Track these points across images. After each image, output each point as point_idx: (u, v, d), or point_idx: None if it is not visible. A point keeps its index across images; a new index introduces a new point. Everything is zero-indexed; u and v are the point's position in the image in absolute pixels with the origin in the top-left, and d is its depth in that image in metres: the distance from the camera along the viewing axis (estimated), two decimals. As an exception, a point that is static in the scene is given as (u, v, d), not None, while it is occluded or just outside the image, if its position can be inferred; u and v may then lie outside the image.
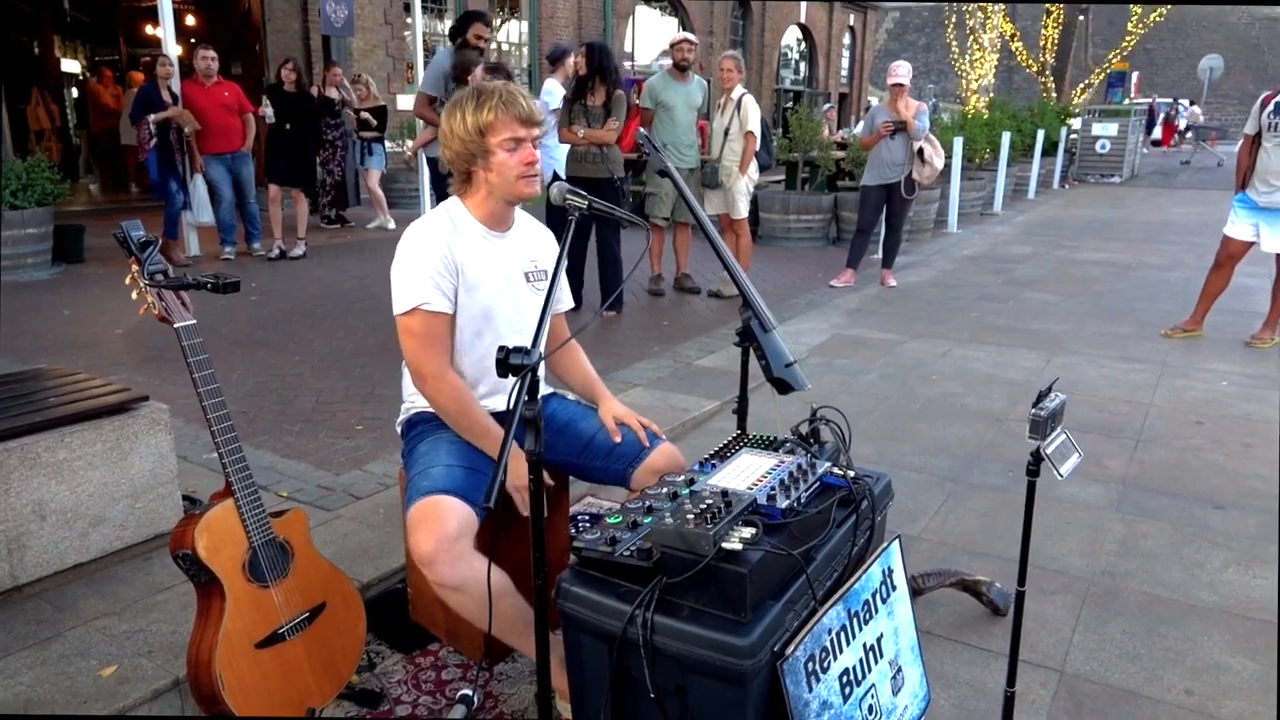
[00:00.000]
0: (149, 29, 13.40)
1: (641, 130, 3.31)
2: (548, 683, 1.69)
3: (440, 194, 6.18)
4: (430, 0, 13.98)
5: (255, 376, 4.39)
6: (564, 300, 2.37)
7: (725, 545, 1.56)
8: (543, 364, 2.26)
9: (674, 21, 20.81)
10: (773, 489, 1.77)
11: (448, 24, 14.74)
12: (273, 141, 8.06)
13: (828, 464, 1.91)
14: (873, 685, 1.87)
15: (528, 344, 2.12)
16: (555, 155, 5.78)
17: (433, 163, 6.10)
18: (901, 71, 6.41)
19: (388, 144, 12.51)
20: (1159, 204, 13.34)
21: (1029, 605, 2.44)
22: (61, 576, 2.44)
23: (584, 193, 1.93)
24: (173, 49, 7.39)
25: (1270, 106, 4.92)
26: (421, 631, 2.40)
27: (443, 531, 1.85)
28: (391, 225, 9.70)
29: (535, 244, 2.24)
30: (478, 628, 2.22)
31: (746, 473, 1.89)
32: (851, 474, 1.89)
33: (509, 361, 1.57)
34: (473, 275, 2.08)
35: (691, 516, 1.62)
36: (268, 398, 4.10)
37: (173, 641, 2.18)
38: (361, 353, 4.87)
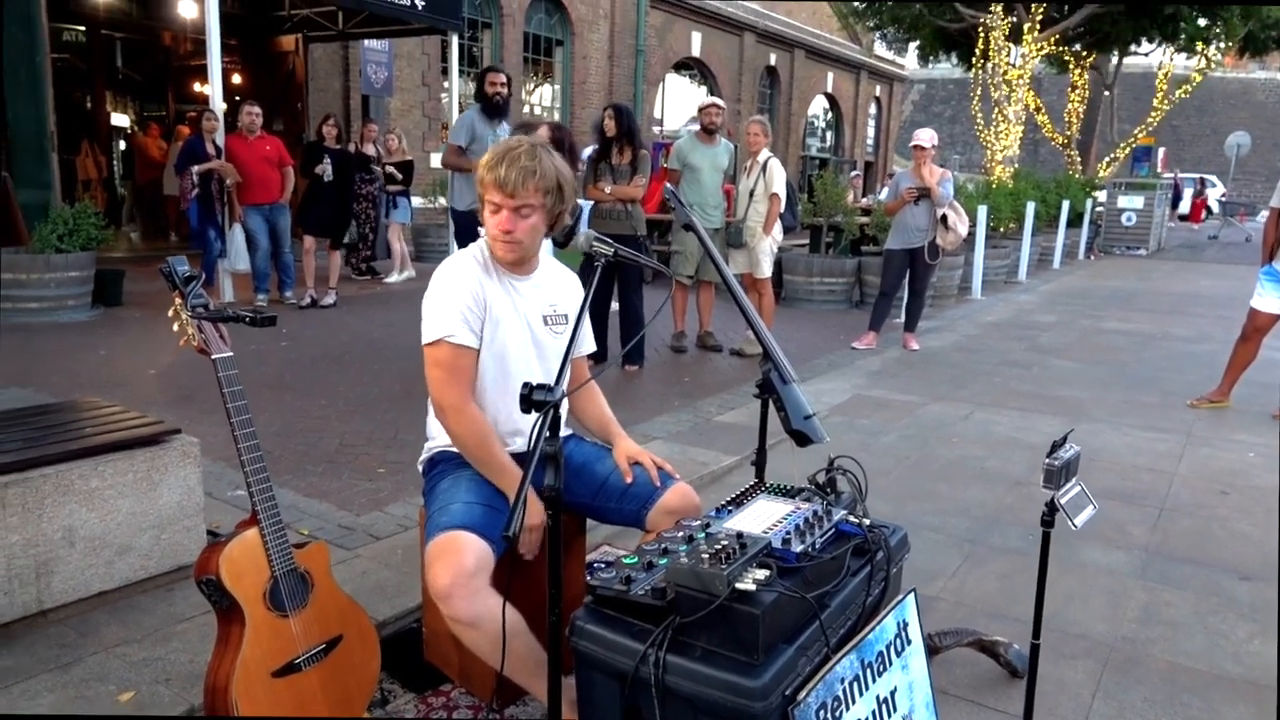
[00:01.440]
0: (197, 86, 13.95)
1: (668, 185, 3.41)
2: (558, 709, 1.68)
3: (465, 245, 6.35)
4: (466, 65, 14.44)
5: (282, 418, 4.47)
6: (586, 343, 2.42)
7: (739, 586, 1.57)
8: (564, 403, 2.31)
9: (703, 89, 21.32)
10: (788, 534, 1.79)
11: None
12: (310, 194, 8.30)
13: (843, 512, 1.93)
14: (886, 739, 1.85)
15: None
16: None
17: (458, 215, 6.27)
18: (925, 137, 6.53)
19: (419, 199, 12.84)
20: (1186, 277, 13.30)
21: (1049, 669, 2.42)
22: (86, 604, 2.48)
23: (611, 240, 2.00)
24: (219, 105, 7.68)
25: (1294, 180, 4.95)
26: (434, 672, 2.41)
27: (460, 566, 1.88)
28: (413, 275, 9.89)
29: (557, 289, 2.29)
30: (490, 667, 2.23)
31: (762, 517, 1.91)
32: (867, 522, 1.90)
33: (532, 398, 1.61)
34: (496, 315, 2.13)
35: (706, 556, 1.64)
36: (293, 439, 4.16)
37: (190, 671, 2.21)
38: (386, 398, 4.95)
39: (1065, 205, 14.01)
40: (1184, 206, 28.78)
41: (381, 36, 12.25)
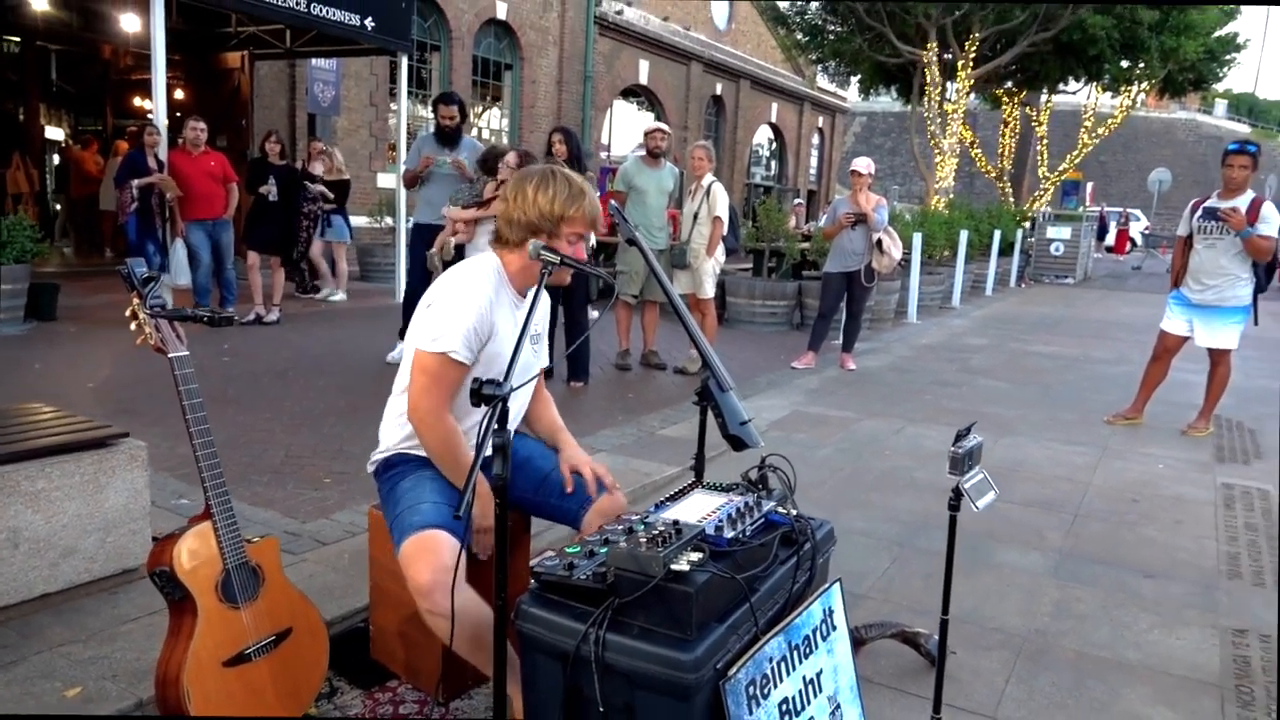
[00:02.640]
0: (137, 100, 13.75)
1: (614, 203, 3.54)
2: (503, 692, 1.76)
3: (422, 265, 6.41)
4: (415, 87, 14.49)
5: (225, 430, 4.46)
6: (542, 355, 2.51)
7: (674, 567, 1.69)
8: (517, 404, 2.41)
9: (650, 115, 21.65)
10: (720, 522, 1.92)
11: (429, 108, 15.28)
12: (255, 211, 8.26)
13: (773, 503, 2.06)
14: (811, 717, 1.98)
15: (522, 403, 2.32)
16: None
17: (419, 229, 6.34)
18: (862, 165, 6.80)
19: (364, 219, 12.80)
20: (1109, 304, 13.91)
21: (967, 659, 2.59)
22: (28, 605, 2.48)
23: (556, 250, 2.12)
24: (163, 119, 7.63)
25: (1199, 211, 5.30)
26: (380, 670, 2.47)
27: (440, 563, 1.97)
28: (340, 297, 9.80)
29: (539, 308, 2.39)
30: (437, 662, 2.32)
31: (697, 509, 2.03)
32: (795, 513, 2.04)
33: (481, 392, 1.72)
34: (499, 339, 2.21)
35: (644, 541, 1.75)
36: (238, 450, 4.17)
37: (137, 668, 2.24)
38: (331, 412, 4.97)
39: (997, 235, 14.56)
40: (1109, 238, 30.01)
41: (329, 56, 12.25)
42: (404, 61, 10.21)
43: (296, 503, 3.53)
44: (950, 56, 17.43)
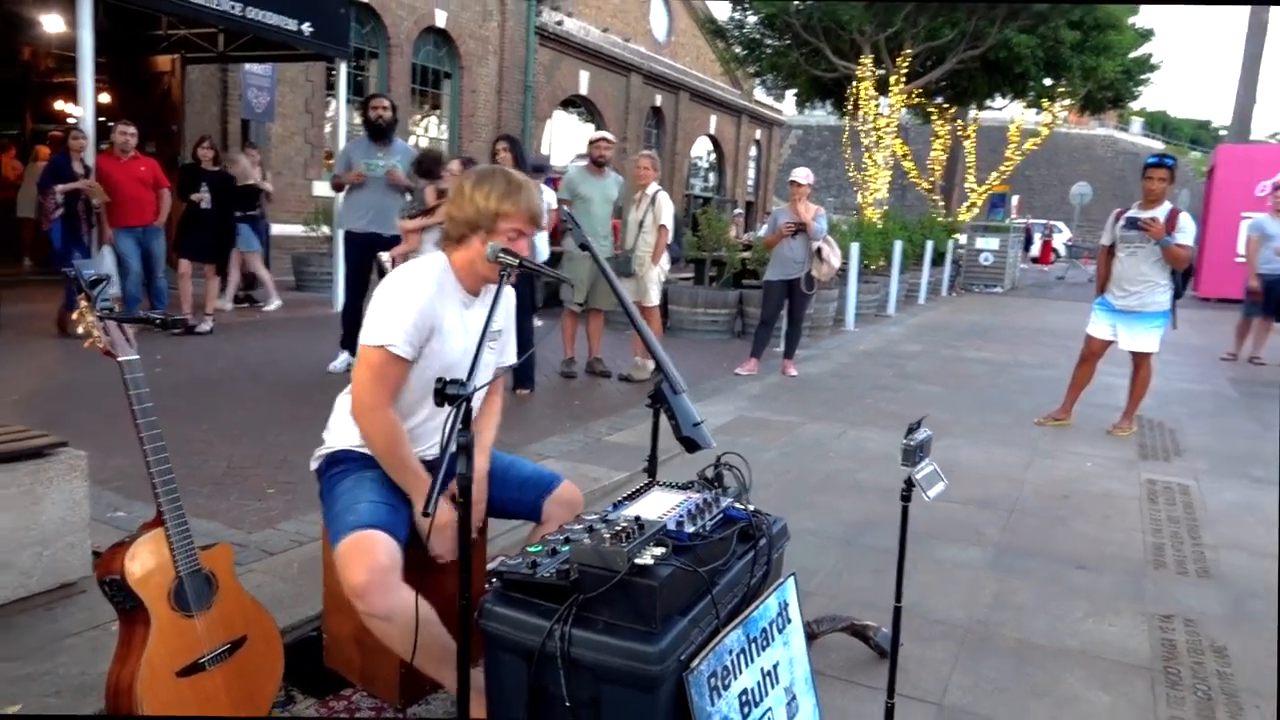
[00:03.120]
0: (59, 104, 13.28)
1: (564, 208, 3.56)
2: (467, 687, 1.77)
3: (358, 274, 6.34)
4: (352, 94, 14.29)
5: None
6: (508, 354, 2.51)
7: (638, 561, 1.72)
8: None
9: (590, 126, 21.73)
10: (681, 518, 1.95)
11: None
12: (187, 218, 8.05)
13: (730, 499, 2.11)
14: (769, 709, 2.02)
15: (478, 400, 2.31)
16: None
17: (347, 236, 6.27)
18: (801, 175, 6.95)
19: (298, 227, 12.56)
20: (1036, 312, 14.40)
21: (913, 650, 2.67)
22: (-39, 622, 2.39)
23: (515, 252, 2.14)
24: (91, 123, 7.39)
25: (1121, 221, 5.55)
26: (335, 677, 2.44)
27: (375, 563, 1.95)
28: (274, 305, 9.61)
29: (499, 306, 2.39)
30: (394, 668, 2.30)
31: (657, 506, 2.06)
32: (752, 508, 2.09)
33: (445, 391, 1.73)
34: (445, 337, 2.20)
35: (608, 537, 1.78)
36: (176, 462, 3.97)
37: (82, 683, 2.17)
38: (272, 422, 4.87)
39: (929, 245, 14.96)
40: (1035, 250, 31.07)
41: (264, 61, 12.02)
42: (343, 68, 10.09)
43: (241, 513, 3.46)
44: (883, 71, 17.90)
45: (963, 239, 18.97)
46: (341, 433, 2.28)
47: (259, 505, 3.58)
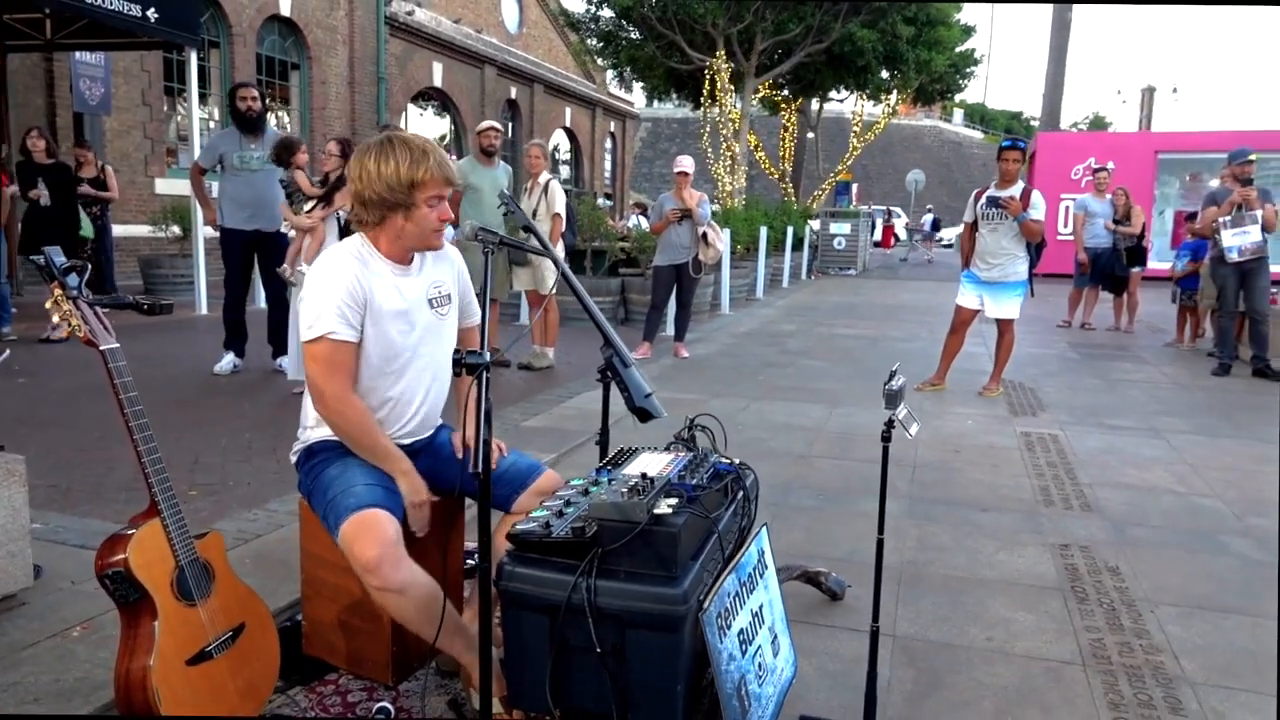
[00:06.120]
0: None
1: (505, 192, 3.59)
2: (489, 650, 1.82)
3: (238, 273, 6.08)
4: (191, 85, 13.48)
5: (56, 452, 4.07)
6: (475, 313, 2.51)
7: (657, 511, 1.84)
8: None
9: (445, 119, 21.37)
10: (681, 472, 2.08)
11: (213, 109, 14.27)
12: (30, 218, 7.44)
13: (716, 455, 2.25)
14: (760, 646, 2.18)
15: (437, 370, 2.35)
16: None
17: (224, 233, 6.01)
18: (686, 163, 7.17)
19: (144, 228, 11.80)
20: (891, 292, 15.34)
21: (859, 592, 2.91)
22: (-101, 643, 2.22)
23: (493, 230, 2.20)
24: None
25: (982, 200, 6.07)
26: (317, 664, 2.42)
27: (385, 538, 1.98)
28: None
29: (438, 270, 2.35)
30: (383, 647, 2.33)
31: (651, 466, 2.18)
32: (738, 461, 2.24)
33: (465, 362, 1.79)
34: (382, 308, 2.18)
35: (624, 492, 1.89)
36: (78, 470, 3.83)
37: (59, 689, 2.08)
38: (171, 427, 4.63)
39: (790, 231, 15.66)
40: (877, 234, 32.95)
41: (98, 49, 11.17)
42: (193, 57, 9.52)
43: (168, 517, 3.31)
44: (735, 65, 18.52)
45: (816, 225, 19.92)
46: (314, 425, 2.26)
47: (185, 508, 3.41)
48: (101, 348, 1.88)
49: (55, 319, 1.86)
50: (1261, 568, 3.26)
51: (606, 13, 20.08)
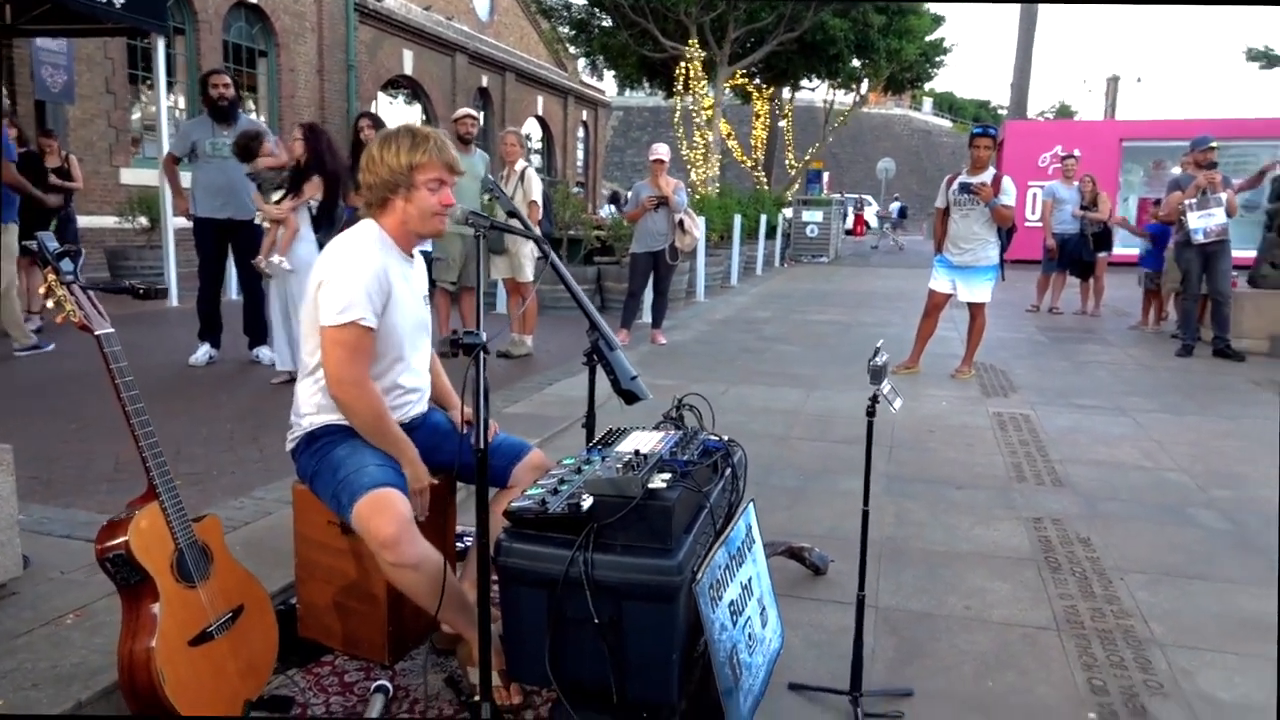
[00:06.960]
0: None
1: (489, 177, 3.61)
2: (488, 624, 1.87)
3: (214, 262, 6.04)
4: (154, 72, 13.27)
5: (33, 444, 4.03)
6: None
7: (651, 485, 1.89)
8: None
9: (416, 107, 21.19)
10: (673, 449, 2.13)
11: (179, 97, 14.05)
12: (-3, 208, 7.31)
13: (705, 432, 2.30)
14: (749, 617, 2.25)
15: (428, 358, 2.40)
16: None
17: (197, 222, 5.96)
18: (662, 151, 7.21)
19: (111, 219, 11.62)
20: (862, 279, 15.50)
21: (842, 567, 2.98)
22: (-109, 632, 2.22)
23: (483, 214, 2.23)
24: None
25: (955, 186, 6.17)
26: (312, 646, 2.45)
27: (400, 515, 2.03)
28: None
29: (420, 267, 2.46)
30: (379, 626, 2.37)
31: (643, 443, 2.23)
32: (726, 438, 2.30)
33: (462, 342, 1.83)
34: (398, 298, 2.24)
35: (619, 468, 1.93)
36: (58, 462, 3.81)
37: (57, 674, 2.09)
38: (152, 417, 4.57)
39: (764, 219, 15.74)
40: (848, 222, 33.19)
41: (61, 35, 10.96)
42: (160, 44, 9.39)
43: (154, 505, 3.31)
44: (707, 54, 18.54)
45: (789, 213, 20.04)
46: (314, 412, 2.28)
47: (169, 497, 3.43)
48: (97, 333, 1.89)
49: (50, 304, 1.87)
50: (1224, 537, 3.38)
51: (578, 0, 20.00)
